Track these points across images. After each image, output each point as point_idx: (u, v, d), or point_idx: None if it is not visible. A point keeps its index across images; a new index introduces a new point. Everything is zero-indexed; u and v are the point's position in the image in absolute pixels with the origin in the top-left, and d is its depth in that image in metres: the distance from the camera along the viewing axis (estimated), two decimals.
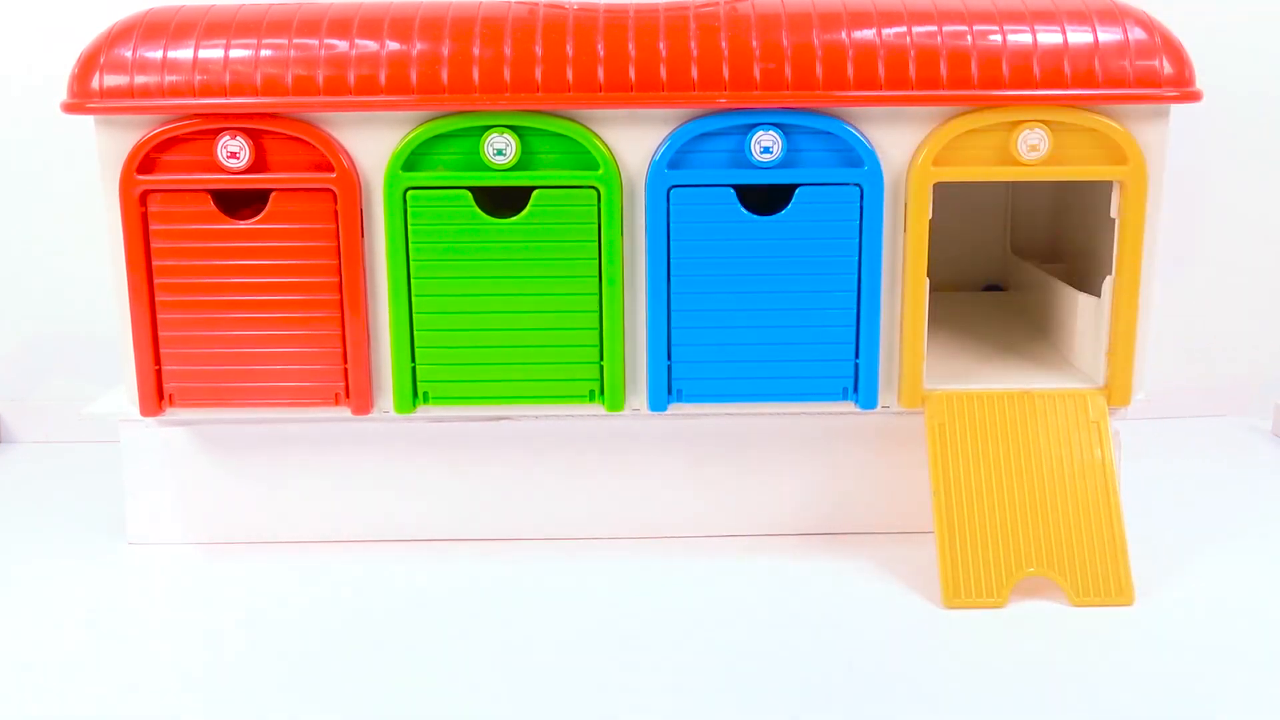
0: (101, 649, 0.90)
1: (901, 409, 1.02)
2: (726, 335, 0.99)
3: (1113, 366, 1.01)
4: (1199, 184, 1.36)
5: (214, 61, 0.95)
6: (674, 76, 0.95)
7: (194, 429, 1.06)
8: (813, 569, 1.01)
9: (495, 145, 0.95)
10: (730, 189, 0.96)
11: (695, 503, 1.07)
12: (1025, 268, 1.26)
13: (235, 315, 0.98)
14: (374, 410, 1.01)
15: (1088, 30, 0.96)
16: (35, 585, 1.01)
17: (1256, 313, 1.40)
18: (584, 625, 0.93)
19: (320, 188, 0.96)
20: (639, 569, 1.02)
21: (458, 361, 0.99)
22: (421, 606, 0.96)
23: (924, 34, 0.96)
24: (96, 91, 0.95)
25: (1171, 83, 0.96)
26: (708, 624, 0.93)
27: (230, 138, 0.95)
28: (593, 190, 0.96)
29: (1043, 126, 0.95)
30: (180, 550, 1.06)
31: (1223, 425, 1.39)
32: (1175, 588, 0.97)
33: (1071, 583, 0.94)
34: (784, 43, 0.95)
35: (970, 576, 0.95)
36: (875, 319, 0.98)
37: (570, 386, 1.00)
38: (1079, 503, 0.97)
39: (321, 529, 1.07)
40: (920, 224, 0.97)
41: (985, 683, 0.84)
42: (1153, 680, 0.84)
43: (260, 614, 0.95)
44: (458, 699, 0.83)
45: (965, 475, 0.97)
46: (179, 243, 0.97)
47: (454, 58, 0.95)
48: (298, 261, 0.97)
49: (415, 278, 0.97)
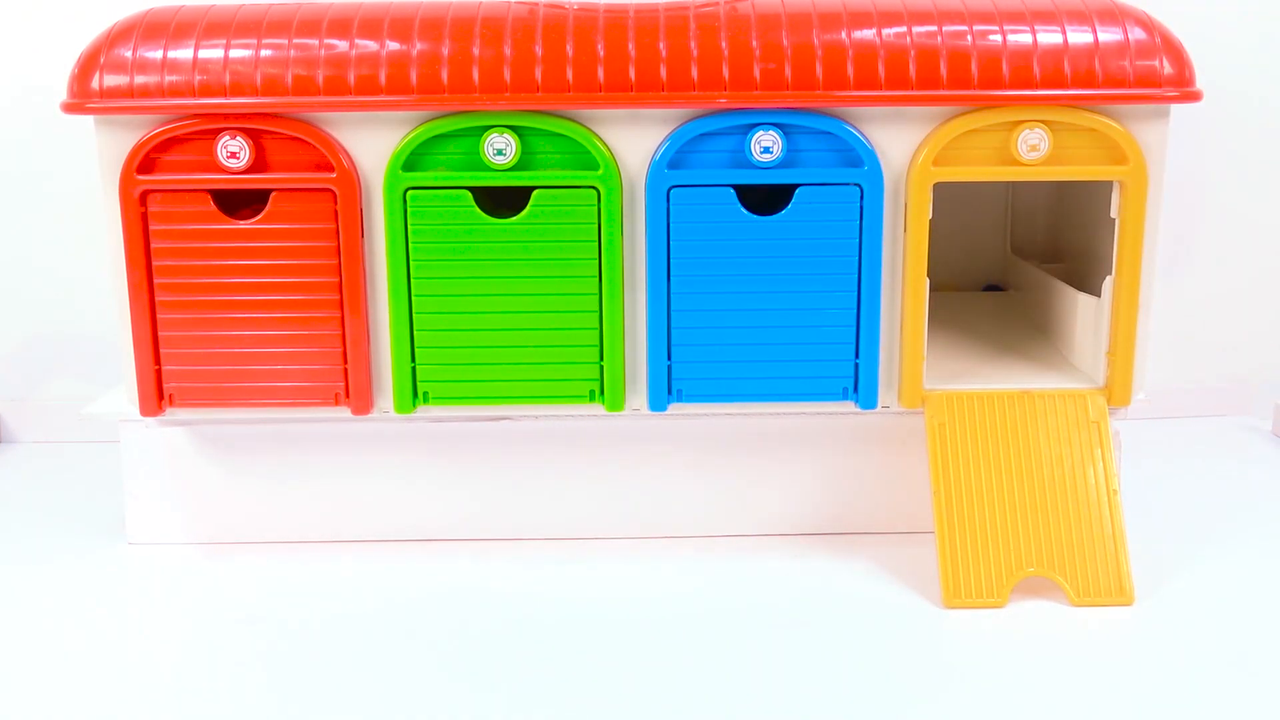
0: (101, 649, 0.90)
1: (901, 409, 1.02)
2: (726, 335, 0.99)
3: (1113, 366, 1.01)
4: (1199, 184, 1.36)
5: (214, 61, 0.95)
6: (674, 76, 0.95)
7: (194, 429, 1.06)
8: (813, 569, 1.01)
9: (495, 145, 0.95)
10: (730, 189, 0.96)
11: (695, 503, 1.07)
12: (1025, 268, 1.26)
13: (235, 315, 0.98)
14: (374, 410, 1.01)
15: (1088, 30, 0.96)
16: (35, 585, 1.01)
17: (1256, 313, 1.40)
18: (584, 625, 0.93)
19: (320, 188, 0.96)
20: (639, 569, 1.02)
21: (458, 361, 0.99)
22: (421, 606, 0.96)
23: (924, 34, 0.96)
24: (96, 91, 0.95)
25: (1171, 83, 0.96)
26: (708, 624, 0.93)
27: (230, 138, 0.95)
28: (593, 190, 0.96)
29: (1043, 126, 0.95)
30: (180, 550, 1.07)
31: (1223, 425, 1.39)
32: (1175, 588, 0.97)
33: (1071, 583, 0.94)
34: (784, 43, 0.95)
35: (970, 576, 0.95)
36: (875, 319, 0.98)
37: (570, 386, 1.00)
38: (1079, 503, 0.97)
39: (321, 529, 1.07)
40: (920, 224, 0.97)
41: (985, 683, 0.84)
42: (1153, 680, 0.84)
43: (260, 614, 0.95)
44: (458, 699, 0.83)
45: (965, 475, 0.97)
46: (179, 243, 0.97)
47: (454, 58, 0.95)
48: (298, 261, 0.97)
49: (415, 278, 0.97)
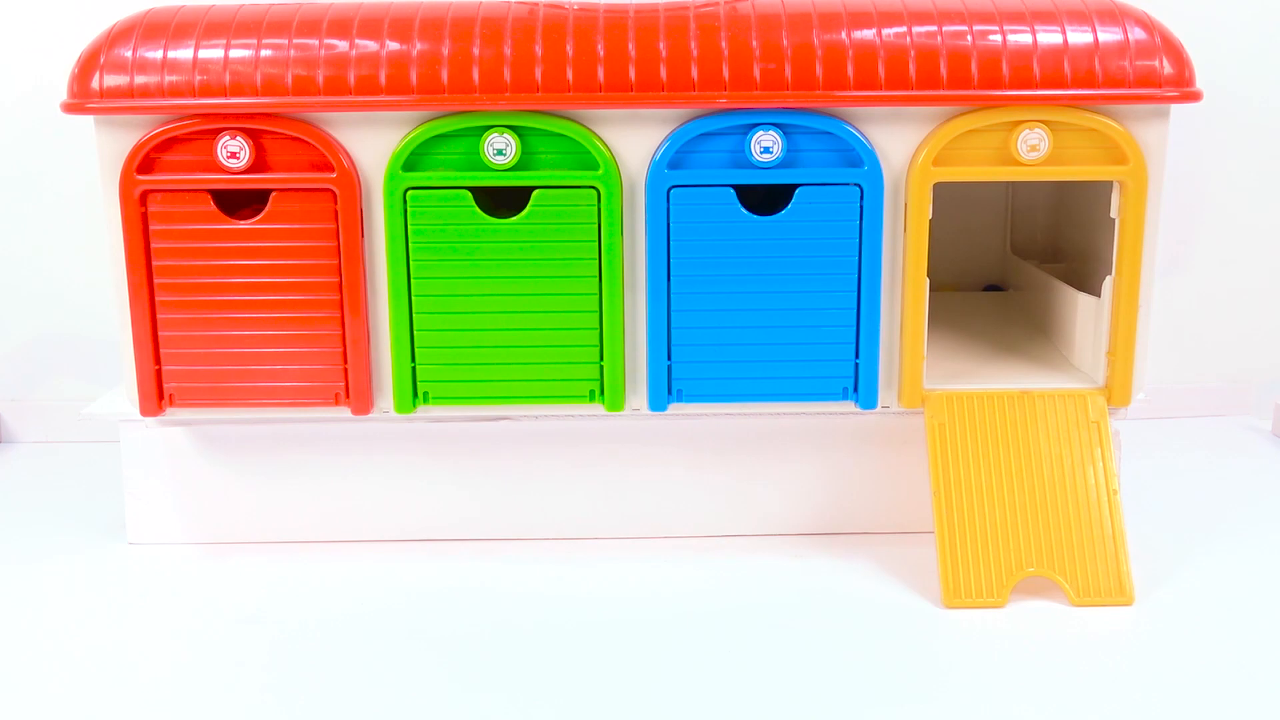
0: (102, 649, 0.90)
1: (901, 409, 1.02)
2: (726, 335, 0.99)
3: (1113, 366, 1.01)
4: (1199, 184, 1.36)
5: (214, 61, 0.95)
6: (674, 76, 0.95)
7: (194, 429, 1.06)
8: (813, 569, 1.01)
9: (495, 145, 0.95)
10: (730, 189, 0.96)
11: (695, 503, 1.07)
12: (1025, 268, 1.26)
13: (235, 315, 0.98)
14: (374, 410, 1.01)
15: (1088, 30, 0.96)
16: (35, 585, 1.01)
17: (1256, 313, 1.40)
18: (584, 625, 0.93)
19: (320, 188, 0.96)
20: (639, 569, 1.02)
21: (458, 361, 0.99)
22: (422, 606, 0.96)
23: (924, 34, 0.95)
24: (97, 92, 0.95)
25: (1171, 83, 0.95)
26: (708, 624, 0.93)
27: (230, 138, 0.95)
28: (593, 190, 0.96)
29: (1043, 126, 0.95)
30: (180, 550, 1.06)
31: (1223, 425, 1.39)
32: (1175, 588, 0.97)
33: (1071, 583, 0.94)
34: (784, 43, 0.95)
35: (970, 576, 0.95)
36: (875, 319, 0.98)
37: (570, 386, 1.00)
38: (1079, 502, 0.97)
39: (321, 529, 1.07)
40: (920, 224, 0.97)
41: (985, 683, 0.84)
42: (1153, 680, 0.84)
43: (260, 614, 0.95)
44: (458, 699, 0.83)
45: (965, 475, 0.97)
46: (179, 243, 0.97)
47: (454, 58, 0.95)
48: (298, 261, 0.97)
49: (415, 278, 0.97)
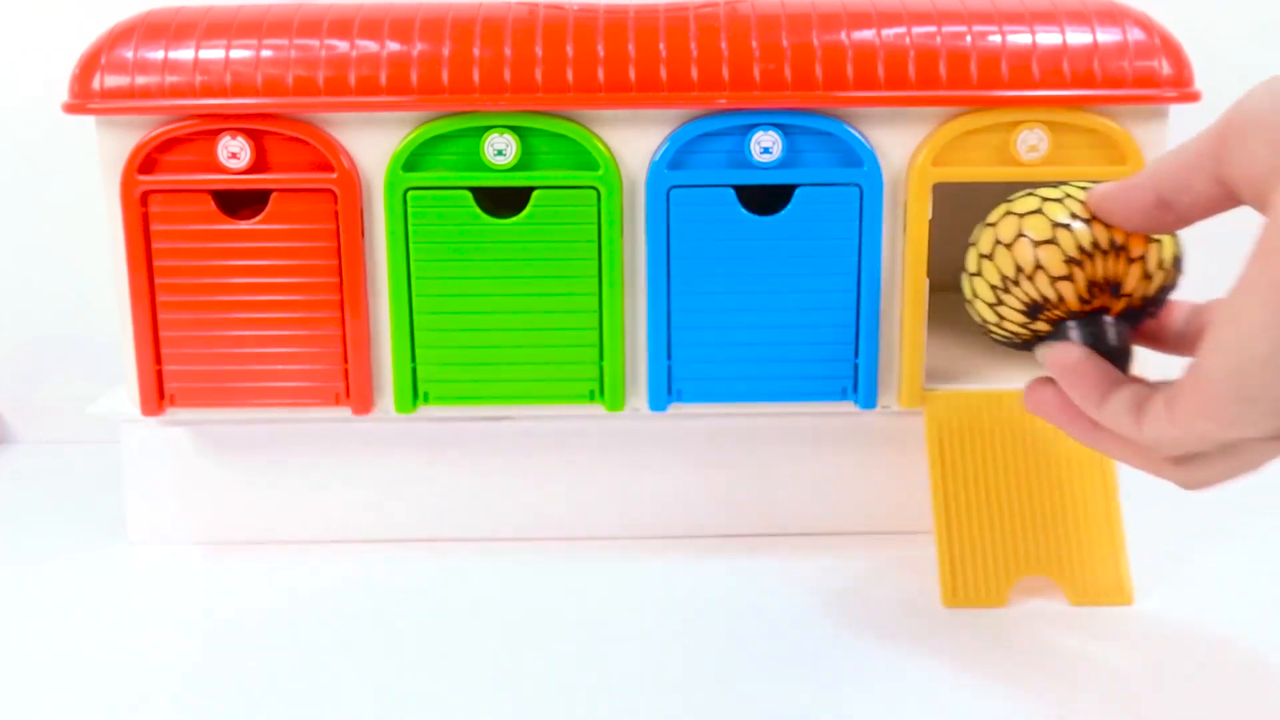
0: (102, 649, 0.90)
1: (901, 409, 1.02)
2: (726, 335, 0.99)
3: None
4: None
5: (215, 62, 0.95)
6: (674, 77, 0.95)
7: (195, 429, 1.06)
8: (813, 569, 1.02)
9: (495, 145, 0.95)
10: (730, 189, 0.96)
11: (695, 503, 1.07)
12: None
13: (236, 315, 0.98)
14: (374, 410, 1.01)
15: (1087, 30, 0.96)
16: (35, 585, 1.01)
17: None
18: (583, 625, 0.93)
19: (320, 188, 0.96)
20: (639, 569, 1.02)
21: (458, 361, 0.99)
22: (421, 607, 0.96)
23: (923, 34, 0.96)
24: (97, 92, 0.95)
25: (1171, 83, 0.96)
26: (708, 624, 0.93)
27: (231, 138, 0.95)
28: (593, 190, 0.96)
29: (1042, 127, 0.95)
30: (181, 550, 1.07)
31: None
32: (1175, 588, 0.97)
33: (1071, 583, 0.95)
34: (784, 43, 0.95)
35: (970, 576, 0.95)
36: (875, 319, 0.99)
37: (570, 386, 1.00)
38: (1079, 503, 0.97)
39: (322, 529, 1.07)
40: (920, 224, 0.97)
41: (985, 683, 0.84)
42: (1153, 680, 0.84)
43: (261, 614, 0.95)
44: (457, 699, 0.83)
45: (965, 475, 0.98)
46: (180, 243, 0.97)
47: (454, 58, 0.95)
48: (298, 262, 0.97)
49: (415, 278, 0.98)
